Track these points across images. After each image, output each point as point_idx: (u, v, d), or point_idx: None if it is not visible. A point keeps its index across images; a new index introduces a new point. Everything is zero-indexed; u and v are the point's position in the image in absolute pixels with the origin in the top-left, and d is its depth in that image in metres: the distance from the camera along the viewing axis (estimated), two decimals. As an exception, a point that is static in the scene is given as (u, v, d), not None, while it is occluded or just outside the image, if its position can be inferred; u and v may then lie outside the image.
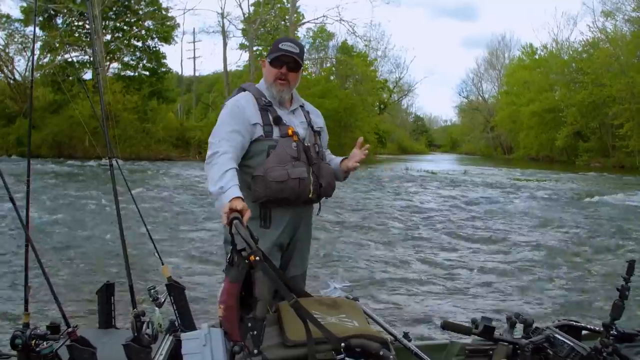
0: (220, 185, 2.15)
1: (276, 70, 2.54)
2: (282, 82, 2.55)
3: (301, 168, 2.46)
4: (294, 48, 2.56)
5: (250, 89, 2.63)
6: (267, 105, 2.53)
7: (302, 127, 2.61)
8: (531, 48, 56.87)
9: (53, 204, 11.23)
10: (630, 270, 2.49)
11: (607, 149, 40.08)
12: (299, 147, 2.50)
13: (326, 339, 1.88)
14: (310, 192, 2.49)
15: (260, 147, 2.46)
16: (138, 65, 37.99)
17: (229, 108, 2.51)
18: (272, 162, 2.42)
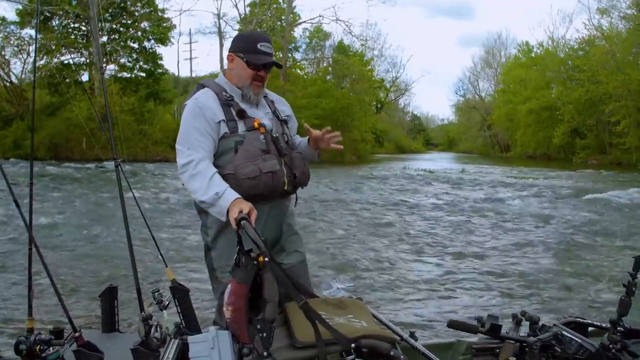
0: (215, 191, 2.12)
1: (254, 72, 2.45)
2: (258, 84, 2.48)
3: (272, 161, 2.38)
4: (270, 48, 2.47)
5: (209, 84, 2.54)
6: (229, 100, 2.44)
7: (267, 117, 2.54)
8: (527, 46, 57.00)
9: (54, 207, 11.19)
10: (637, 266, 2.48)
11: (604, 146, 40.13)
12: (267, 139, 2.41)
13: (336, 340, 1.87)
14: (285, 184, 2.43)
15: (228, 144, 2.37)
16: (135, 67, 37.92)
17: (190, 109, 2.41)
18: (241, 159, 2.34)
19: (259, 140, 2.39)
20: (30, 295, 2.21)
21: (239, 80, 2.48)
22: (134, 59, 37.58)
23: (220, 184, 2.13)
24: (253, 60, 2.43)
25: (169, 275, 2.50)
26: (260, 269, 1.83)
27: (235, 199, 2.07)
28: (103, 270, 6.05)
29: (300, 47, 45.05)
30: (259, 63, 2.43)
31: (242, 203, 2.03)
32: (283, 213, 2.55)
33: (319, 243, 7.81)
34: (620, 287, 2.46)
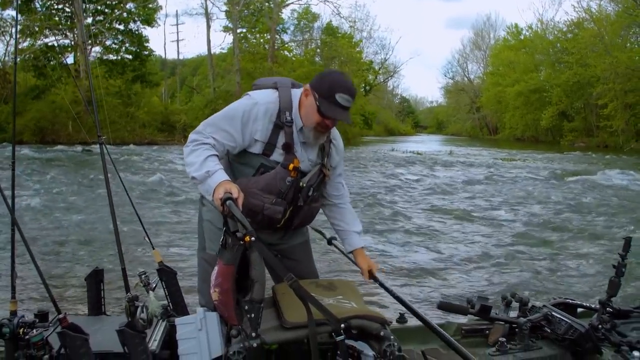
0: (206, 169, 2.03)
1: (321, 119, 2.24)
2: (322, 130, 2.29)
3: (279, 208, 2.27)
4: (349, 102, 2.23)
5: (282, 94, 2.32)
6: (286, 124, 2.26)
7: (309, 163, 2.36)
8: (516, 28, 56.95)
9: (40, 190, 11.07)
10: (627, 247, 2.52)
11: (592, 129, 40.45)
12: (293, 186, 2.28)
13: (326, 320, 1.85)
14: (278, 223, 2.34)
15: (254, 162, 2.27)
16: (121, 49, 37.45)
17: (243, 107, 2.25)
18: (257, 185, 2.24)
19: (284, 181, 2.26)
20: (13, 277, 2.17)
21: (305, 118, 2.28)
22: (120, 40, 37.09)
23: (214, 165, 2.05)
24: (325, 110, 2.21)
25: (156, 258, 2.47)
26: (247, 249, 1.79)
27: (223, 180, 2.00)
28: (89, 252, 5.99)
29: (289, 28, 44.73)
30: (330, 116, 2.23)
31: (229, 184, 1.96)
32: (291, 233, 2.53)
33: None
34: (604, 268, 2.47)
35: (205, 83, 45.34)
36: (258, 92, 2.34)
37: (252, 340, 1.77)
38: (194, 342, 1.84)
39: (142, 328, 1.58)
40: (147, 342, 1.93)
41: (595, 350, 2.39)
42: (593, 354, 2.39)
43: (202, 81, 49.31)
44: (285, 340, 1.87)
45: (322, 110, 2.21)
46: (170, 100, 46.48)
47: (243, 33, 40.61)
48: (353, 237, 2.58)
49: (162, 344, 1.95)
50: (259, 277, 1.81)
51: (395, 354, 1.85)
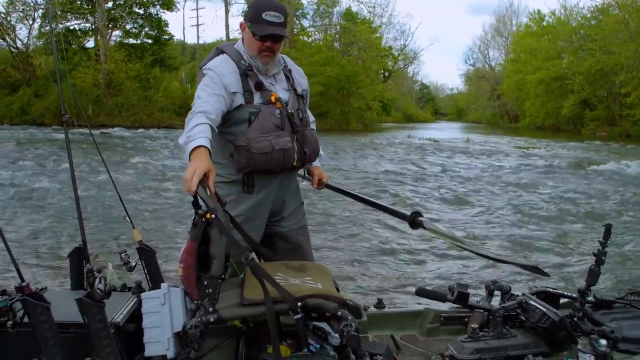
0: (188, 135, 2.06)
1: (260, 43, 2.36)
2: (267, 54, 2.39)
3: (285, 138, 2.36)
4: (278, 18, 2.33)
5: (228, 50, 2.46)
6: (248, 70, 2.39)
7: (284, 91, 2.49)
8: (539, 15, 55.88)
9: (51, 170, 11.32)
10: (607, 235, 2.45)
11: (614, 118, 39.63)
12: (282, 115, 2.38)
13: (283, 299, 1.90)
14: (294, 160, 2.42)
15: (242, 115, 2.35)
16: (140, 33, 37.71)
17: (209, 75, 2.35)
18: (254, 132, 2.32)
19: (274, 115, 2.37)
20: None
21: (249, 50, 2.42)
22: (140, 25, 37.34)
23: (198, 132, 2.05)
24: (256, 30, 2.34)
25: (136, 237, 2.55)
26: (208, 226, 1.86)
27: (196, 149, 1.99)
28: (73, 231, 6.12)
29: (308, 13, 44.53)
30: (261, 34, 2.33)
31: (199, 162, 1.94)
32: (290, 184, 2.59)
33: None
34: (609, 258, 2.45)
35: (225, 68, 45.33)
36: (209, 62, 2.44)
37: (209, 315, 1.82)
38: (158, 316, 1.91)
39: (100, 298, 1.66)
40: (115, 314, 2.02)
41: (570, 339, 2.36)
42: (568, 343, 2.36)
43: (221, 66, 49.34)
44: (242, 316, 1.92)
45: (256, 33, 2.33)
46: (190, 84, 46.70)
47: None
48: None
49: (129, 317, 2.04)
50: (218, 254, 1.88)
51: (351, 333, 1.85)
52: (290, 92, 2.51)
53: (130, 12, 36.24)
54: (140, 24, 37.34)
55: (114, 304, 2.08)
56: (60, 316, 1.84)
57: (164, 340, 1.88)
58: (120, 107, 32.23)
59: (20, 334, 1.73)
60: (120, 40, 36.74)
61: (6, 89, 32.28)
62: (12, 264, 1.69)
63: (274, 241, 2.62)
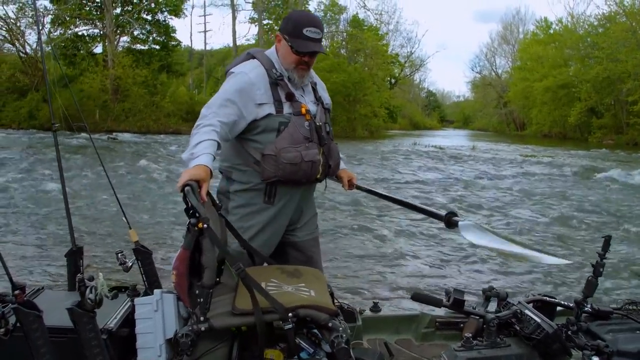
0: (192, 152, 2.06)
1: (299, 57, 2.37)
2: (303, 67, 2.41)
3: (314, 150, 2.38)
4: (318, 34, 2.37)
5: (260, 57, 2.46)
6: (279, 79, 2.39)
7: (312, 104, 2.51)
8: (546, 22, 55.83)
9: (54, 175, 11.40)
10: (606, 247, 2.40)
11: (621, 126, 39.43)
12: (311, 127, 2.40)
13: (273, 309, 1.90)
14: (319, 173, 2.44)
15: (271, 124, 2.35)
16: (148, 39, 37.95)
17: (237, 81, 2.35)
18: (284, 142, 2.32)
19: (303, 126, 2.38)
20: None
21: (284, 63, 2.42)
22: (147, 31, 37.57)
23: (202, 148, 2.06)
24: (297, 46, 2.35)
25: (133, 237, 2.57)
26: (200, 235, 1.87)
27: (196, 165, 1.99)
28: (80, 232, 6.17)
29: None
30: (303, 50, 2.36)
31: (196, 171, 1.96)
32: (310, 196, 2.62)
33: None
34: (610, 268, 2.42)
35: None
36: (239, 66, 2.44)
37: (200, 324, 1.85)
38: (150, 323, 1.92)
39: (91, 308, 1.67)
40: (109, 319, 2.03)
41: (563, 352, 2.32)
42: (562, 355, 2.32)
43: (228, 72, 49.52)
44: (232, 326, 1.94)
45: (296, 48, 2.35)
46: (197, 90, 46.90)
47: (269, 24, 40.73)
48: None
49: (123, 321, 2.05)
50: (210, 263, 1.89)
51: (341, 345, 1.86)
52: (318, 105, 2.53)
53: (138, 18, 36.48)
54: (148, 30, 37.58)
55: (107, 309, 2.09)
56: (54, 320, 1.87)
57: (156, 346, 1.90)
58: (127, 112, 32.39)
59: (14, 339, 1.74)
60: (128, 46, 36.99)
61: (15, 94, 32.48)
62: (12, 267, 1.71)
63: (286, 250, 2.63)
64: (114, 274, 3.94)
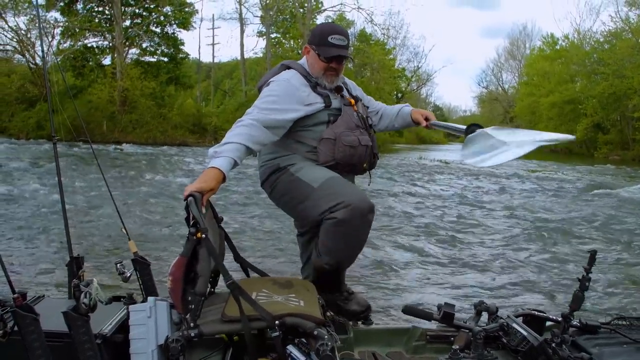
0: (217, 150, 2.17)
1: (326, 64, 2.54)
2: (332, 73, 2.56)
3: (365, 137, 2.54)
4: (343, 41, 2.53)
5: (295, 66, 2.62)
6: (317, 85, 2.56)
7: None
8: (552, 38, 55.95)
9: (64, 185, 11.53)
10: (592, 261, 2.48)
11: (627, 142, 39.40)
12: (359, 117, 2.59)
13: (261, 317, 1.97)
14: (366, 161, 2.58)
15: (322, 117, 2.52)
16: (156, 52, 38.34)
17: (281, 85, 2.48)
18: (341, 127, 2.48)
19: (354, 115, 2.57)
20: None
21: (313, 71, 2.58)
22: (156, 43, 37.98)
23: (223, 151, 2.15)
24: (323, 53, 2.52)
25: (132, 248, 2.64)
26: (197, 244, 1.96)
27: (212, 168, 2.08)
28: (76, 240, 6.26)
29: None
30: (328, 56, 2.51)
31: (207, 182, 2.06)
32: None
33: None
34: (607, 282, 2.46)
35: (239, 87, 45.97)
36: (277, 76, 2.58)
37: (190, 330, 1.92)
38: (144, 329, 1.99)
39: (85, 312, 1.74)
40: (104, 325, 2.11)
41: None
42: None
43: (236, 85, 49.98)
44: (221, 332, 2.01)
45: (323, 55, 2.51)
46: (205, 103, 47.23)
47: (277, 38, 41.07)
48: (403, 109, 2.98)
49: (118, 327, 2.13)
50: (204, 272, 1.99)
51: (326, 352, 1.91)
52: (359, 102, 2.72)
53: (148, 31, 36.90)
54: (156, 42, 37.99)
55: (104, 315, 2.16)
56: (52, 325, 1.94)
57: (149, 352, 1.96)
58: (134, 123, 32.64)
59: (12, 342, 1.82)
60: (137, 58, 37.36)
61: (24, 104, 32.85)
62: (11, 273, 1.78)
63: None
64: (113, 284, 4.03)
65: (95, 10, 35.97)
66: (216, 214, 2.44)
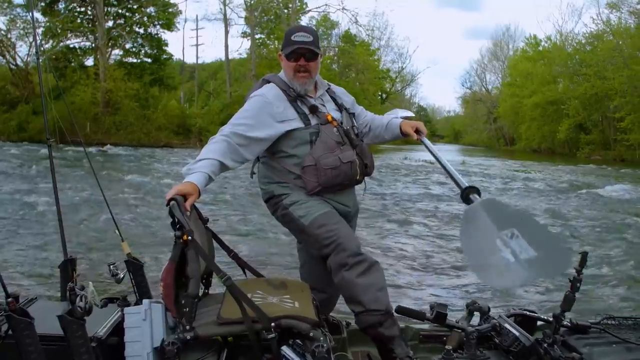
0: (191, 167, 2.16)
1: (294, 63, 2.48)
2: (303, 75, 2.49)
3: (349, 152, 2.47)
4: (307, 37, 2.47)
5: (275, 80, 2.57)
6: (298, 96, 2.50)
7: (335, 111, 2.61)
8: (535, 40, 56.53)
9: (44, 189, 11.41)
10: (583, 263, 2.49)
11: (609, 142, 40.01)
12: (340, 132, 2.50)
13: (257, 319, 1.95)
14: (358, 173, 2.53)
15: (303, 137, 2.45)
16: (140, 52, 38.05)
17: (255, 102, 2.45)
18: (320, 150, 2.42)
19: (333, 133, 2.48)
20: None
21: (287, 76, 2.53)
22: (139, 44, 37.68)
23: (198, 167, 2.15)
24: (286, 51, 2.47)
25: (125, 249, 2.62)
26: (185, 247, 1.94)
27: (185, 182, 2.09)
28: (69, 244, 6.17)
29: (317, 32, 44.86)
30: (289, 51, 2.46)
31: (185, 187, 2.06)
32: (353, 194, 2.70)
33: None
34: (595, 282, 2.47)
35: (223, 87, 45.77)
36: (256, 91, 2.54)
37: (186, 332, 1.91)
38: (139, 331, 1.97)
39: (80, 315, 1.72)
40: (99, 328, 2.08)
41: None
42: None
43: (220, 86, 49.78)
44: (217, 335, 1.99)
45: (287, 52, 2.47)
46: (188, 104, 46.98)
47: (261, 39, 40.98)
48: (392, 121, 2.84)
49: (113, 330, 2.10)
50: (194, 274, 1.96)
51: (322, 354, 1.91)
52: (342, 112, 2.63)
53: (131, 32, 36.60)
54: (140, 43, 37.69)
55: (98, 318, 2.14)
56: (45, 328, 1.91)
57: (144, 354, 1.94)
58: (118, 125, 32.37)
59: (6, 346, 1.79)
60: (120, 59, 37.02)
61: (4, 106, 32.39)
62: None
63: None
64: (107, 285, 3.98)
65: (77, 10, 35.58)
66: (201, 215, 2.42)
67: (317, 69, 2.54)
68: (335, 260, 2.37)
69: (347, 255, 2.34)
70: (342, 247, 2.34)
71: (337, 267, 2.37)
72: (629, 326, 2.68)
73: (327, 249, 2.39)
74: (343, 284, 2.37)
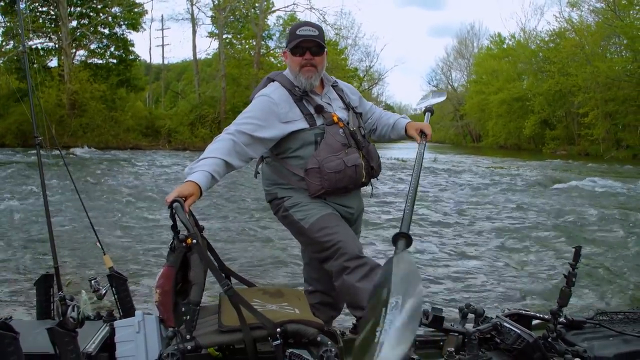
0: (193, 166, 2.12)
1: (300, 58, 2.44)
2: (308, 69, 2.45)
3: (354, 154, 2.43)
4: (312, 31, 2.45)
5: (279, 79, 2.53)
6: (303, 95, 2.46)
7: (342, 110, 2.57)
8: (499, 37, 57.45)
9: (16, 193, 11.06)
10: (577, 257, 2.51)
11: (573, 137, 40.96)
12: (346, 133, 2.45)
13: (261, 325, 1.90)
14: (364, 176, 2.48)
15: (308, 138, 2.41)
16: (105, 53, 37.29)
17: (260, 102, 2.41)
18: (324, 153, 2.38)
19: (339, 134, 2.43)
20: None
21: (292, 72, 2.49)
22: (105, 45, 36.93)
23: (199, 166, 2.10)
24: (292, 45, 2.44)
25: (107, 263, 2.52)
26: (188, 251, 1.86)
27: (188, 180, 2.03)
28: (41, 256, 5.85)
29: (274, 35, 44.71)
30: (294, 45, 2.42)
31: (186, 187, 2.00)
32: (356, 201, 2.63)
33: (262, 233, 7.81)
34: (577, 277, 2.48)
35: (190, 88, 45.22)
36: (261, 91, 2.50)
37: (186, 342, 1.82)
38: (132, 345, 1.89)
39: (73, 327, 1.63)
40: (86, 344, 1.98)
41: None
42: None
43: (187, 86, 49.17)
44: (220, 343, 1.92)
45: (292, 46, 2.43)
46: (155, 105, 46.26)
47: (229, 39, 40.56)
48: (398, 121, 2.78)
49: (102, 346, 2.00)
50: (198, 279, 1.89)
51: (331, 358, 1.88)
52: (349, 111, 2.59)
53: (95, 32, 35.83)
54: (105, 43, 36.93)
55: (85, 334, 2.04)
56: (26, 347, 1.81)
57: (139, 369, 1.86)
58: (85, 127, 31.67)
59: None
60: (85, 60, 36.21)
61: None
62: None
63: None
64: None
65: (39, 10, 34.65)
66: (197, 222, 2.35)
67: (323, 63, 2.51)
68: (335, 264, 2.33)
69: (348, 258, 2.31)
70: (342, 251, 2.31)
71: (338, 271, 2.34)
72: (621, 320, 2.71)
73: (327, 253, 2.37)
74: (344, 289, 2.33)
